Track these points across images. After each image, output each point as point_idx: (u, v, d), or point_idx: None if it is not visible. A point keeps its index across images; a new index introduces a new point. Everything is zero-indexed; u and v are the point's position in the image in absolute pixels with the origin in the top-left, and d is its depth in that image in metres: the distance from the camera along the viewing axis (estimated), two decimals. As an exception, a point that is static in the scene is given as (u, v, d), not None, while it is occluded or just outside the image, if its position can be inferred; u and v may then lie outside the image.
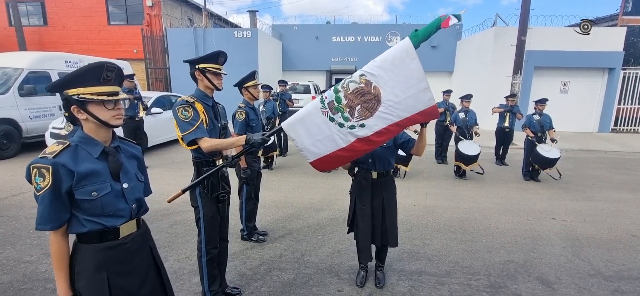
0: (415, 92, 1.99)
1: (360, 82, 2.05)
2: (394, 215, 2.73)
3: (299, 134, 2.20)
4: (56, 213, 1.23)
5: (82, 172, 1.25)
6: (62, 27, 16.51)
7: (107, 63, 1.29)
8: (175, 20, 16.65)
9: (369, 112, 2.08)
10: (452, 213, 4.56)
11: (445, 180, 6.24)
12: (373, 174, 2.66)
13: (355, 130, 2.12)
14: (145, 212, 1.50)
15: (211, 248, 2.34)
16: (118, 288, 1.37)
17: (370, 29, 16.97)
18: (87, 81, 1.26)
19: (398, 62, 1.97)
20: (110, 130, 1.37)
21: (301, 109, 2.21)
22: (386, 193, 2.69)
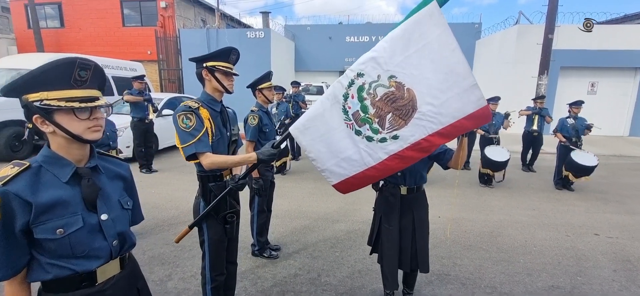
0: (460, 92, 1.62)
1: (390, 85, 1.71)
2: (426, 236, 2.38)
3: (319, 153, 1.87)
4: (7, 258, 0.94)
5: (42, 203, 0.96)
6: (78, 29, 16.70)
7: (79, 59, 0.99)
8: (188, 21, 16.61)
9: (403, 120, 1.74)
10: (482, 227, 4.15)
11: (470, 188, 5.81)
12: (402, 189, 2.31)
13: (387, 143, 1.77)
14: (131, 247, 1.20)
15: (217, 275, 2.04)
16: None
17: (384, 28, 16.51)
18: (54, 82, 0.96)
19: (435, 54, 1.62)
20: (85, 147, 1.07)
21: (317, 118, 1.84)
22: (417, 211, 2.34)
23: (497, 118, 6.26)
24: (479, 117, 1.66)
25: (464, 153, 2.13)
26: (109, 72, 10.04)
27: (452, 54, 1.59)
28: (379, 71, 1.71)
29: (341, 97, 1.79)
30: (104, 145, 3.28)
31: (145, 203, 4.72)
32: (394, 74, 1.69)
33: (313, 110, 1.85)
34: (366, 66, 1.72)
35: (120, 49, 15.85)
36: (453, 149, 2.22)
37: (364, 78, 1.74)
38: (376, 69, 1.71)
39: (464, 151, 2.12)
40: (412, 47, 1.63)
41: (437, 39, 1.59)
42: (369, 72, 1.73)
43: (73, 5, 16.46)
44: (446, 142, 1.80)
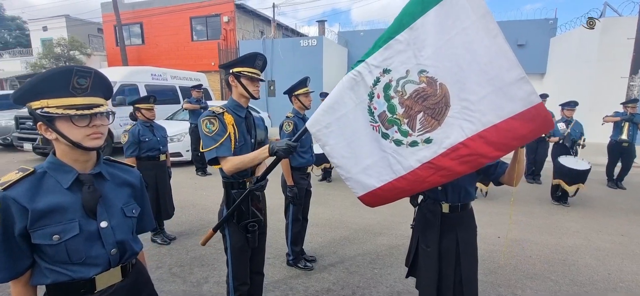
0: (502, 86, 1.35)
1: (421, 80, 1.50)
2: (474, 263, 2.05)
3: (343, 159, 1.71)
4: (7, 261, 0.96)
5: (39, 209, 0.97)
6: (155, 45, 18.76)
7: (76, 67, 1.00)
8: (247, 33, 17.61)
9: (436, 120, 1.51)
10: (552, 253, 3.55)
11: (539, 206, 5.07)
12: (443, 207, 2.02)
13: (418, 148, 1.55)
14: (132, 256, 1.18)
15: (240, 285, 1.99)
16: None
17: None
18: (53, 90, 0.98)
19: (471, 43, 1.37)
20: (89, 154, 1.08)
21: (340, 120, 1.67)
22: (462, 233, 2.02)
23: (575, 127, 5.39)
24: (533, 119, 1.35)
25: (520, 167, 1.78)
26: (177, 82, 11.05)
27: (494, 42, 1.34)
28: (408, 66, 1.50)
29: (366, 96, 1.62)
30: (154, 150, 3.51)
31: (196, 204, 5.04)
32: (425, 67, 1.47)
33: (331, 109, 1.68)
34: (393, 61, 1.53)
35: (189, 62, 17.38)
36: (507, 162, 1.88)
37: (391, 75, 1.55)
38: (404, 63, 1.51)
39: (522, 164, 1.77)
40: (444, 35, 1.40)
41: (474, 24, 1.36)
42: (397, 68, 1.53)
43: (152, 24, 18.56)
44: (496, 154, 1.49)
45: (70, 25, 23.26)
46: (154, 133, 3.56)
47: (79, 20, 24.12)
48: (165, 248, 3.56)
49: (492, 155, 1.45)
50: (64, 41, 19.82)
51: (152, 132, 3.54)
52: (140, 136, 3.43)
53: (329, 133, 1.71)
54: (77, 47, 20.04)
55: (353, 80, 1.62)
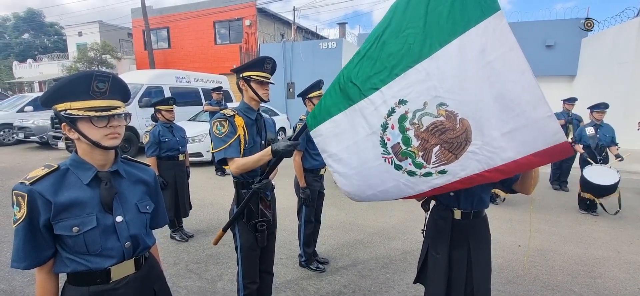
0: (528, 123, 1.30)
1: (439, 114, 1.42)
2: (486, 273, 1.98)
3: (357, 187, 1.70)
4: (32, 250, 1.05)
5: (61, 203, 1.05)
6: (181, 48, 19.43)
7: (96, 72, 1.07)
8: (268, 36, 17.91)
9: (453, 155, 1.46)
10: (577, 264, 3.39)
11: (565, 214, 4.84)
12: (455, 213, 1.97)
13: (432, 178, 1.53)
14: (145, 249, 1.24)
15: (249, 283, 2.04)
16: None
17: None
18: (75, 94, 1.05)
19: (497, 77, 1.31)
20: (108, 153, 1.15)
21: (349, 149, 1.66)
22: (475, 241, 1.96)
23: (604, 130, 5.11)
24: (552, 155, 1.31)
25: (535, 174, 1.72)
26: (199, 85, 11.40)
27: (521, 77, 1.28)
28: (426, 98, 1.43)
29: (379, 127, 1.57)
30: (173, 150, 3.65)
31: (214, 203, 5.18)
32: (444, 100, 1.40)
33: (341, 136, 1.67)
34: (410, 91, 1.45)
35: (212, 64, 17.88)
36: None
37: (408, 106, 1.48)
38: (422, 95, 1.43)
39: (536, 172, 1.71)
40: (468, 68, 1.34)
41: (500, 58, 1.29)
42: (414, 99, 1.45)
43: (178, 28, 19.26)
44: (505, 177, 1.47)
45: (103, 31, 24.55)
46: (174, 133, 3.70)
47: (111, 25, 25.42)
48: (183, 245, 3.69)
49: (499, 178, 1.43)
50: (96, 46, 20.94)
51: (171, 133, 3.68)
52: (160, 137, 3.57)
53: (340, 163, 1.71)
54: (109, 51, 21.10)
55: (366, 109, 1.58)
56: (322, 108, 1.75)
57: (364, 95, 1.55)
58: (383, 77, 1.51)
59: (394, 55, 1.48)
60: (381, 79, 1.51)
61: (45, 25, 33.61)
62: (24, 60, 28.21)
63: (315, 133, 1.80)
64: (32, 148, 9.73)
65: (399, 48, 1.47)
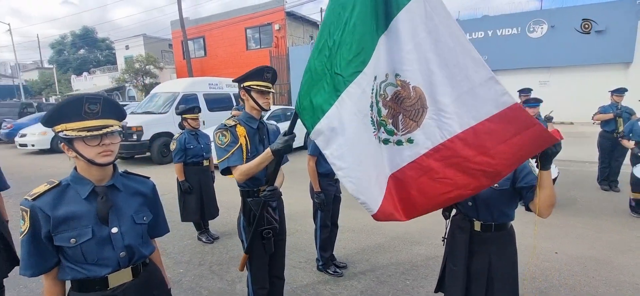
0: (472, 87, 1.36)
1: (397, 83, 1.55)
2: (509, 290, 1.83)
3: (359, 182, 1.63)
4: (37, 259, 1.15)
5: (59, 216, 1.14)
6: (215, 56, 20.32)
7: (86, 95, 1.15)
8: (298, 39, 18.14)
9: (414, 122, 1.55)
10: (623, 275, 3.05)
11: (613, 217, 4.38)
12: (475, 224, 1.83)
13: (403, 147, 1.58)
14: (141, 258, 1.31)
15: (258, 289, 2.08)
16: None
17: (505, 20, 14.29)
18: (69, 116, 1.14)
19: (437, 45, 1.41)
20: (103, 169, 1.23)
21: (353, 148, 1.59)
22: (497, 256, 1.81)
23: None
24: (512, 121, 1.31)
25: (544, 193, 1.50)
26: (231, 90, 11.84)
27: (457, 43, 1.36)
28: (387, 70, 1.56)
29: (368, 108, 1.58)
30: (198, 156, 3.83)
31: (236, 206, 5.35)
32: (399, 71, 1.52)
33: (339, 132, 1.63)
34: (378, 66, 1.56)
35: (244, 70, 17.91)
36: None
37: (377, 80, 1.57)
38: (384, 68, 1.56)
39: (546, 191, 1.50)
40: (413, 39, 1.45)
41: (437, 28, 1.40)
42: (380, 73, 1.57)
43: (213, 36, 20.15)
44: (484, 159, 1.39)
45: (147, 43, 26.34)
46: (198, 140, 3.87)
47: (154, 37, 27.21)
48: (208, 246, 3.85)
49: (479, 159, 1.38)
50: (141, 57, 22.50)
51: (196, 140, 3.86)
52: (186, 144, 3.76)
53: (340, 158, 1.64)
54: (152, 62, 22.58)
55: (354, 95, 1.55)
56: (315, 108, 1.72)
57: (349, 81, 1.53)
58: (363, 58, 1.51)
59: (366, 34, 1.50)
60: (361, 60, 1.51)
61: (97, 41, 36.74)
62: (80, 73, 31.12)
63: (315, 133, 1.78)
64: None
65: (369, 27, 1.50)
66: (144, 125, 8.82)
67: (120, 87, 24.23)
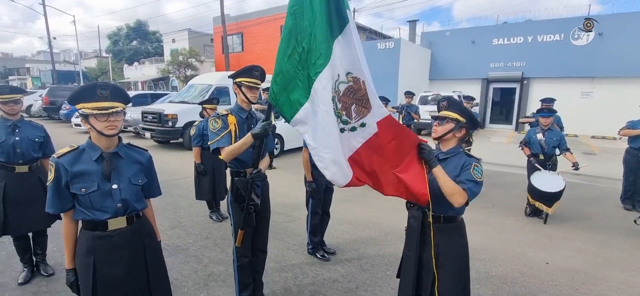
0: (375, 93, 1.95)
1: (348, 80, 1.90)
2: (454, 279, 2.00)
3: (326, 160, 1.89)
4: (57, 201, 1.56)
5: (75, 172, 1.54)
6: (252, 51, 21.19)
7: (99, 83, 1.55)
8: (330, 38, 18.41)
9: (366, 108, 1.93)
10: (612, 291, 3.03)
11: (623, 236, 4.24)
12: (427, 215, 2.03)
13: (357, 132, 1.93)
14: (134, 211, 1.69)
15: (241, 256, 2.43)
16: (103, 274, 1.61)
17: (547, 25, 13.57)
18: (86, 97, 1.53)
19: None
20: (110, 139, 1.62)
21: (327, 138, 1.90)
22: (444, 246, 2.00)
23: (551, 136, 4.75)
24: (388, 126, 1.92)
25: (443, 185, 1.82)
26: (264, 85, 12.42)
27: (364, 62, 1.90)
28: (340, 70, 1.88)
29: (330, 101, 1.87)
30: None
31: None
32: (349, 70, 1.88)
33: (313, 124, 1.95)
34: (335, 66, 1.88)
35: (278, 66, 19.09)
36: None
37: (333, 79, 1.88)
38: (337, 68, 1.88)
39: (443, 182, 1.82)
40: (356, 47, 1.87)
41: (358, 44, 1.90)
42: (335, 72, 1.89)
43: (250, 33, 21.04)
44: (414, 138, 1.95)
45: (191, 37, 28.00)
46: (214, 128, 4.32)
47: (198, 32, 28.85)
48: (217, 224, 4.29)
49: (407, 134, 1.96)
50: (184, 51, 24.03)
51: (212, 128, 4.31)
52: (203, 131, 4.22)
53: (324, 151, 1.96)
54: (194, 55, 24.02)
55: (318, 91, 1.85)
56: (293, 102, 2.02)
57: (313, 80, 1.86)
58: (322, 62, 1.83)
59: (324, 43, 1.83)
60: (321, 63, 1.83)
61: (148, 33, 39.63)
62: (131, 63, 33.77)
63: (294, 121, 2.07)
64: (129, 136, 11.78)
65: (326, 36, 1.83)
66: (178, 113, 9.60)
67: (165, 77, 26.04)
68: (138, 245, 1.73)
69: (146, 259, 1.75)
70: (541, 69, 13.56)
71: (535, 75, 13.80)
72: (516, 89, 14.37)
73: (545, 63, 13.43)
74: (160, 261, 1.86)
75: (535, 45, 13.61)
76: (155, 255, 1.83)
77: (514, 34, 14.08)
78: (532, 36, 13.64)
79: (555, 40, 13.21)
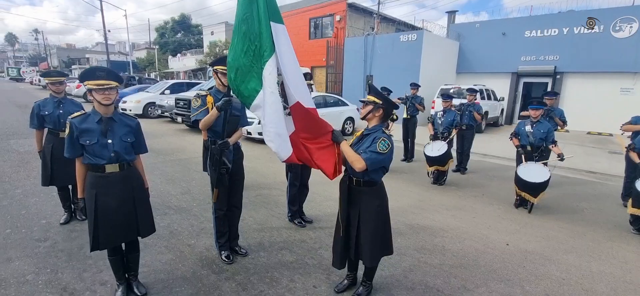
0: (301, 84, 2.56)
1: (279, 76, 2.46)
2: (371, 231, 2.45)
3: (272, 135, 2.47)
4: (71, 148, 2.22)
5: (82, 128, 2.20)
6: (282, 43, 21.96)
7: (98, 67, 2.18)
8: (358, 31, 18.61)
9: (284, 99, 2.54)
10: (559, 271, 3.24)
11: (605, 230, 4.28)
12: (352, 181, 2.50)
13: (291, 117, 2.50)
14: (124, 161, 2.32)
15: (217, 209, 3.02)
16: (102, 202, 2.26)
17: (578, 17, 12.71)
18: (90, 77, 2.18)
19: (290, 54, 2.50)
20: (107, 107, 2.25)
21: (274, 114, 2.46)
22: (364, 205, 2.46)
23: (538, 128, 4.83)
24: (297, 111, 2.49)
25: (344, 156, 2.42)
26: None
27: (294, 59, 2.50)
28: (277, 65, 2.41)
29: (275, 85, 2.44)
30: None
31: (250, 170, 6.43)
32: (279, 70, 2.41)
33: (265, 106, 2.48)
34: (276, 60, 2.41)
35: (307, 58, 19.70)
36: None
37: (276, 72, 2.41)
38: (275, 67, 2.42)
39: (344, 154, 2.41)
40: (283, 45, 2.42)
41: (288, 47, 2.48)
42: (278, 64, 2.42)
43: (281, 26, 21.77)
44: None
45: (228, 29, 29.41)
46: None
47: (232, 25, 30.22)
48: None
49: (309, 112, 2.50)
50: (221, 43, 25.44)
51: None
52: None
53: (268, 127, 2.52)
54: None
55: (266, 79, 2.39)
56: (251, 90, 2.55)
57: (262, 68, 2.40)
58: (268, 53, 2.37)
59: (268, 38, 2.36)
60: (268, 54, 2.37)
61: (191, 26, 42.10)
62: (175, 55, 36.21)
63: (253, 107, 2.62)
64: (165, 121, 13.03)
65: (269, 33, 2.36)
66: (205, 100, 10.53)
67: (203, 68, 27.78)
68: (127, 185, 2.37)
69: (134, 196, 2.39)
70: (576, 63, 12.80)
71: (569, 69, 13.06)
72: (548, 84, 13.68)
73: (581, 56, 12.65)
74: (145, 199, 2.49)
75: (571, 37, 12.84)
76: (141, 194, 2.47)
77: (548, 25, 13.37)
78: (568, 28, 12.88)
79: (593, 32, 12.38)
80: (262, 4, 2.32)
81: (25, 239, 3.35)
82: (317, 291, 2.76)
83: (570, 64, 12.93)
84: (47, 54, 57.57)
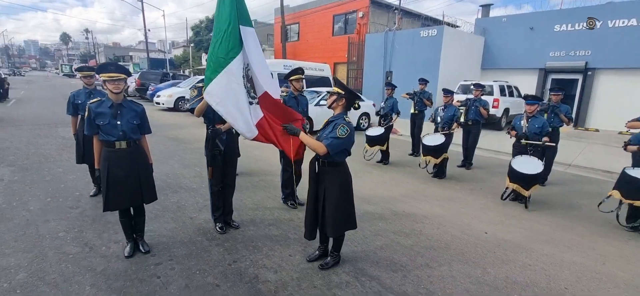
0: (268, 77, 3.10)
1: (249, 71, 2.83)
2: (335, 206, 2.78)
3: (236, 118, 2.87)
4: (89, 127, 2.76)
5: (97, 111, 2.73)
6: (306, 40, 22.42)
7: (109, 63, 2.71)
8: (381, 27, 18.59)
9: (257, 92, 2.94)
10: (526, 258, 3.38)
11: (597, 226, 4.29)
12: (320, 162, 2.85)
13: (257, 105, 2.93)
14: (131, 139, 2.83)
15: (213, 186, 3.50)
16: (113, 173, 2.79)
17: (619, 9, 11.95)
18: (104, 70, 2.70)
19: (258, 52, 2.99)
20: (117, 95, 2.77)
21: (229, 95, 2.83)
22: (328, 183, 2.80)
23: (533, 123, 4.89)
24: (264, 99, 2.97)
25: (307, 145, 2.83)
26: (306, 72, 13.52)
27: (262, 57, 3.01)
28: (248, 60, 2.88)
29: (242, 77, 2.84)
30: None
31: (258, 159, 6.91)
32: (248, 61, 2.90)
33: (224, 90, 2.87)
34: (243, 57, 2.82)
35: (328, 54, 20.04)
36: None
37: (244, 66, 2.83)
38: (246, 59, 2.90)
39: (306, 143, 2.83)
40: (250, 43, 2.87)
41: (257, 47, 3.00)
42: (244, 61, 2.83)
43: (306, 23, 22.25)
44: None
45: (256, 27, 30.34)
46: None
47: (262, 22, 31.15)
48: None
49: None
50: (249, 40, 26.32)
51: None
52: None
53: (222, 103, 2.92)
54: (256, 44, 26.15)
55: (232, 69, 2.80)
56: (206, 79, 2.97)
57: (228, 61, 2.79)
58: (235, 52, 2.77)
59: (236, 37, 2.74)
60: (235, 51, 2.77)
61: (223, 25, 43.73)
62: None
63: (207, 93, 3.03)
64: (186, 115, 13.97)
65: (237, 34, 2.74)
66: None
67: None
68: (134, 160, 2.89)
69: (139, 168, 2.91)
70: (610, 59, 12.07)
71: (602, 65, 12.34)
72: (578, 81, 13.01)
73: (615, 52, 11.91)
74: (149, 173, 3.01)
75: (605, 31, 12.10)
76: (146, 168, 2.99)
77: (579, 19, 12.68)
78: (601, 21, 12.16)
79: (629, 26, 11.60)
80: (234, 9, 2.73)
81: (61, 206, 4.04)
82: (292, 259, 3.15)
83: (603, 60, 12.22)
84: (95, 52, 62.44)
